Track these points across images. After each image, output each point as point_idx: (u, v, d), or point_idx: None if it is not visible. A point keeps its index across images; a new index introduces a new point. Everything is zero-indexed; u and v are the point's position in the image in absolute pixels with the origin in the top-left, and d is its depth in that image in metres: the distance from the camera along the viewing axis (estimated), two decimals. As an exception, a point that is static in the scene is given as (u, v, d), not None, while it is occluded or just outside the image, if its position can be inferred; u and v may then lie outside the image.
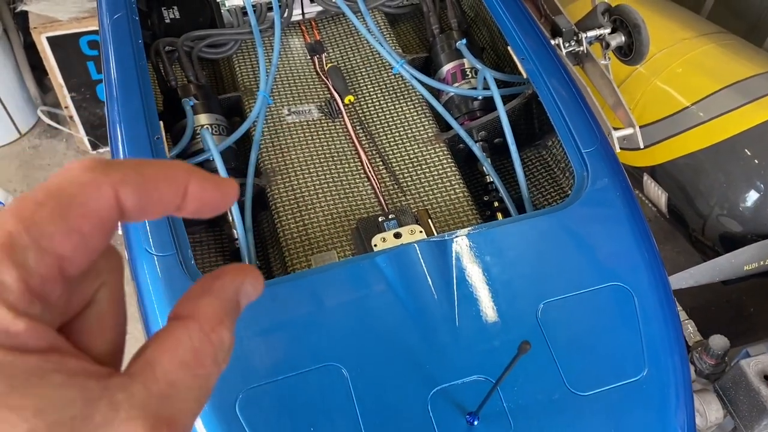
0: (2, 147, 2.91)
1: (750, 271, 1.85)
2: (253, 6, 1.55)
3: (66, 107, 2.69)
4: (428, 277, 1.02)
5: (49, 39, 2.45)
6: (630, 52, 1.75)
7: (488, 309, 1.01)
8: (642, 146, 1.57)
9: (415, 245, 1.05)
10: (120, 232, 1.23)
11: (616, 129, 1.51)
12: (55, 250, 0.23)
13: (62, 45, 2.48)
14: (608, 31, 1.71)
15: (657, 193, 2.18)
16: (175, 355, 0.25)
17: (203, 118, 1.37)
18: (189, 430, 0.25)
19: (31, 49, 2.65)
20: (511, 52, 1.34)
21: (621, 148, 1.56)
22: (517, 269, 1.05)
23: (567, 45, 1.67)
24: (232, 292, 0.28)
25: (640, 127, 2.00)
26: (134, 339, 0.35)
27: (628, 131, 1.53)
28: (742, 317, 2.40)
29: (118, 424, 0.22)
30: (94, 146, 2.82)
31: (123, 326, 0.28)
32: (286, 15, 1.57)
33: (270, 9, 1.57)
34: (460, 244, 1.06)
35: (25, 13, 2.49)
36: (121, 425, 0.22)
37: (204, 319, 0.26)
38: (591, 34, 1.69)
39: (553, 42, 1.63)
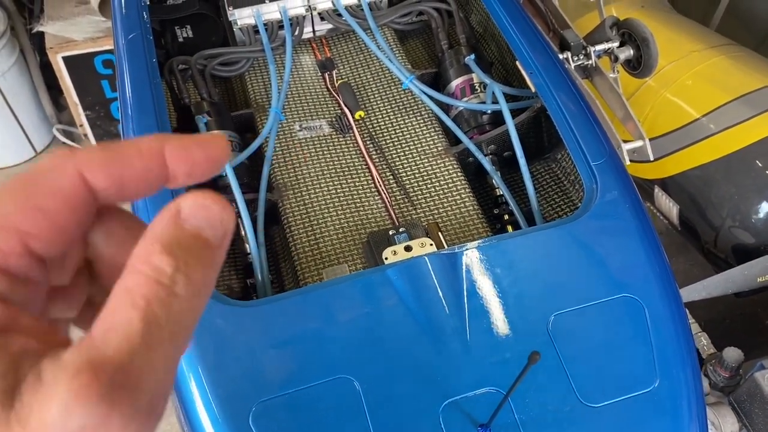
0: (18, 165, 2.95)
1: (763, 283, 1.84)
2: (265, 24, 1.57)
3: (81, 125, 2.73)
4: (439, 289, 1.03)
5: (64, 59, 2.50)
6: (639, 66, 1.76)
7: (499, 321, 1.01)
8: (652, 158, 1.58)
9: (426, 258, 1.05)
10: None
11: (625, 142, 1.52)
12: (17, 227, 0.23)
13: (77, 64, 2.53)
14: (617, 44, 1.72)
15: (668, 206, 2.17)
16: None
17: (216, 135, 1.39)
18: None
19: (46, 69, 2.70)
20: (520, 66, 1.36)
21: (631, 161, 1.57)
22: (527, 281, 1.06)
23: (575, 59, 1.69)
24: None
25: (651, 139, 2.00)
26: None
27: (638, 144, 1.54)
28: (757, 330, 2.39)
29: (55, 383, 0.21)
30: (109, 163, 2.85)
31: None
32: (297, 33, 1.60)
33: (281, 27, 1.59)
34: (471, 256, 1.06)
35: (41, 34, 2.54)
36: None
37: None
38: (599, 47, 1.70)
39: (561, 56, 1.65)
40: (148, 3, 1.50)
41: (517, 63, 1.37)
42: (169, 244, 0.24)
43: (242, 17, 1.57)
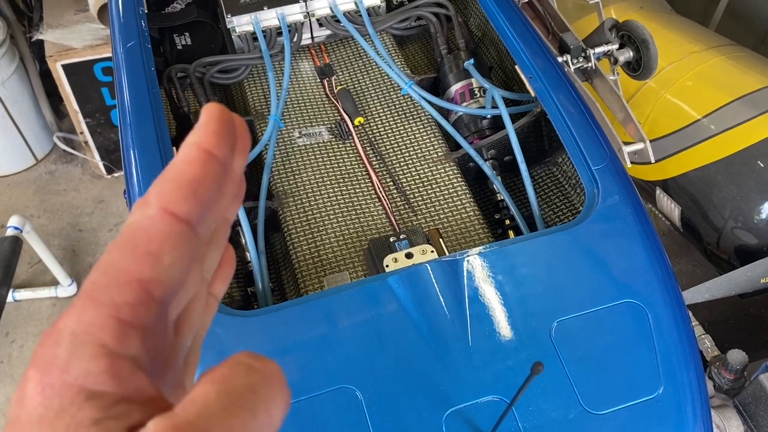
0: (19, 173, 2.95)
1: (767, 284, 1.83)
2: (263, 31, 1.57)
3: (81, 133, 2.73)
4: (440, 297, 1.02)
5: (64, 66, 2.49)
6: (639, 67, 1.75)
7: (501, 328, 1.01)
8: (653, 160, 1.57)
9: (427, 265, 1.05)
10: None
11: (626, 144, 1.52)
12: (137, 277, 0.24)
13: (77, 72, 2.53)
14: (616, 46, 1.72)
15: (670, 207, 2.17)
16: None
17: (215, 143, 1.39)
18: None
19: (46, 77, 2.70)
20: (519, 71, 1.35)
21: (632, 163, 1.57)
22: (529, 288, 1.05)
23: (575, 61, 1.68)
24: None
25: (652, 140, 1.99)
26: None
27: (639, 146, 1.53)
28: (762, 330, 2.37)
29: None
30: (109, 171, 2.85)
31: None
32: (295, 39, 1.59)
33: (280, 34, 1.59)
34: (472, 263, 1.06)
35: (41, 42, 2.54)
36: None
37: None
38: (599, 50, 1.70)
39: (561, 59, 1.64)
40: (145, 11, 1.49)
41: (517, 67, 1.36)
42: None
43: (240, 24, 1.57)
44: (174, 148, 1.23)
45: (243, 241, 1.25)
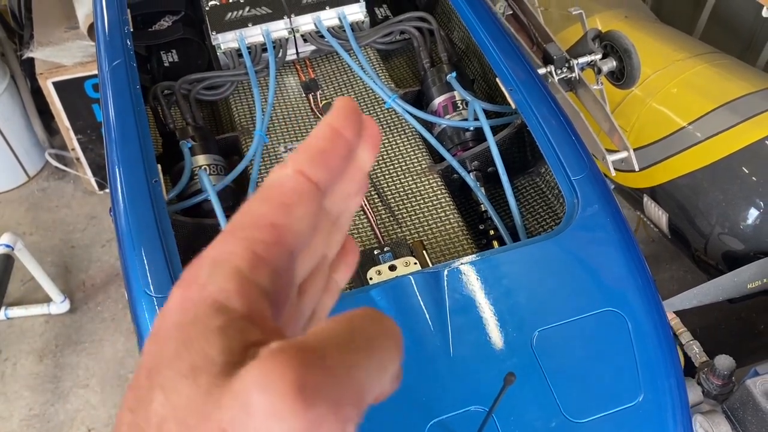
0: (11, 191, 2.96)
1: (753, 289, 1.84)
2: (249, 48, 1.59)
3: (73, 149, 2.74)
4: (424, 308, 1.03)
5: (55, 84, 2.51)
6: (622, 77, 1.77)
7: (483, 339, 1.02)
8: (637, 169, 1.59)
9: (410, 277, 1.06)
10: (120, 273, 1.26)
11: (611, 152, 1.53)
12: (271, 222, 0.27)
13: (68, 89, 2.54)
14: (599, 56, 1.74)
15: (658, 214, 2.18)
16: None
17: (201, 159, 1.40)
18: None
19: (37, 94, 2.71)
20: (500, 83, 1.37)
21: (618, 171, 1.58)
22: (510, 298, 1.06)
23: (559, 72, 1.70)
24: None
25: (638, 148, 2.00)
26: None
27: (623, 155, 1.55)
28: (753, 335, 2.38)
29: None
30: (101, 186, 2.87)
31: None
32: (280, 55, 1.61)
33: (265, 50, 1.60)
34: (454, 274, 1.07)
35: (31, 60, 2.56)
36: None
37: None
38: (582, 60, 1.72)
39: (545, 70, 1.66)
40: (131, 30, 1.51)
41: (497, 80, 1.38)
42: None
43: (225, 41, 1.58)
44: (159, 165, 1.25)
45: (229, 256, 1.26)
